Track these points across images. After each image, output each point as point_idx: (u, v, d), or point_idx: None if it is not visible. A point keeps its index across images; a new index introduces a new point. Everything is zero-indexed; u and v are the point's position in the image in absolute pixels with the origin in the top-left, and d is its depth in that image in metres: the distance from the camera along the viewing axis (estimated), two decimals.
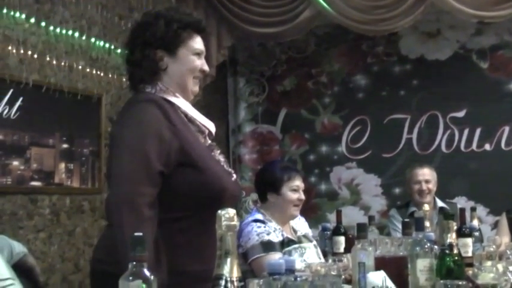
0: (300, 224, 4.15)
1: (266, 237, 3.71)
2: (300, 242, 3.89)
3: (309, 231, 4.21)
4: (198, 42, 2.75)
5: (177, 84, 2.71)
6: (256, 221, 3.83)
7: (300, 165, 7.28)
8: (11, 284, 2.35)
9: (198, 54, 2.74)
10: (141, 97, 2.67)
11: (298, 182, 3.97)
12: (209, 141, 2.76)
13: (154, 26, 2.71)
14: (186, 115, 2.69)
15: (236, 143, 7.53)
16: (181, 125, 2.61)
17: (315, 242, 4.02)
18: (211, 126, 2.79)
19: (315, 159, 7.35)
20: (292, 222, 4.07)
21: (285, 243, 3.77)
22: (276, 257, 3.53)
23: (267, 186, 3.97)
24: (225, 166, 2.73)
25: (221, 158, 2.74)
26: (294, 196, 3.93)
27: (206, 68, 2.77)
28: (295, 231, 4.02)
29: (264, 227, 3.78)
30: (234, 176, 2.77)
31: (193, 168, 2.53)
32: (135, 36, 2.77)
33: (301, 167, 7.24)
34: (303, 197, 3.98)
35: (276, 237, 3.75)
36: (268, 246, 3.67)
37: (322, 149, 7.32)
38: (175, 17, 2.74)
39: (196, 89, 2.79)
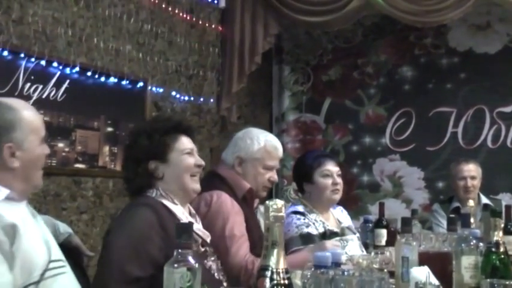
0: (343, 217, 4.10)
1: (305, 230, 3.67)
2: (343, 234, 3.85)
3: (351, 224, 4.16)
4: (184, 143, 2.86)
5: (177, 187, 2.80)
6: (296, 212, 3.79)
7: (343, 155, 7.26)
8: (62, 266, 2.37)
9: (188, 153, 2.84)
10: (140, 200, 2.76)
11: (329, 167, 3.87)
12: (202, 249, 2.79)
13: (138, 142, 2.83)
14: None
15: (279, 131, 7.50)
16: (173, 232, 2.60)
17: (358, 235, 3.98)
18: (205, 236, 2.85)
19: (358, 150, 7.30)
20: (336, 214, 4.04)
21: (327, 236, 3.72)
22: None
23: (301, 177, 3.92)
24: (215, 274, 2.76)
25: (213, 266, 2.78)
26: (327, 181, 3.84)
27: (200, 162, 2.87)
28: (340, 223, 3.98)
29: (304, 219, 3.74)
30: (225, 284, 2.79)
31: None
32: (127, 157, 2.92)
33: (343, 158, 7.22)
34: (338, 180, 3.87)
35: (315, 230, 3.71)
36: (307, 239, 3.63)
37: (365, 140, 7.27)
38: (154, 127, 2.86)
39: (197, 186, 2.88)
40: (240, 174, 3.52)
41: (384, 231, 3.85)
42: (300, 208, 3.82)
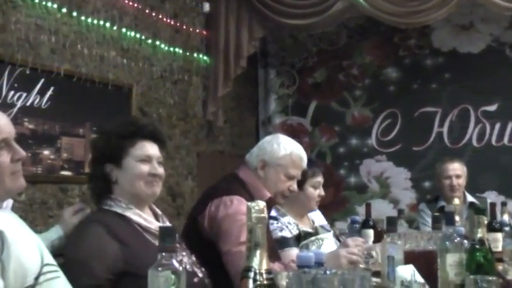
0: (317, 216, 4.12)
1: (279, 234, 3.68)
2: (317, 233, 3.87)
3: (325, 223, 4.19)
4: (142, 149, 2.77)
5: (130, 193, 2.74)
6: (269, 217, 3.78)
7: (330, 157, 7.29)
8: (56, 271, 2.35)
9: (144, 160, 2.76)
10: (89, 217, 2.76)
11: (320, 179, 3.93)
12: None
13: (98, 143, 2.83)
14: (139, 225, 2.70)
15: (266, 134, 7.49)
16: (130, 237, 2.62)
17: (332, 232, 3.99)
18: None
19: (344, 152, 7.33)
20: (310, 214, 4.06)
21: (302, 237, 3.75)
22: (291, 252, 3.52)
23: None
24: (187, 267, 2.70)
25: (185, 259, 2.73)
26: (316, 193, 3.90)
27: (155, 171, 2.77)
28: (313, 222, 4.01)
29: (277, 223, 3.73)
30: (200, 275, 2.76)
31: (139, 277, 2.27)
32: (90, 158, 2.89)
33: (330, 160, 7.26)
34: (322, 193, 3.96)
35: (289, 233, 3.72)
36: (282, 243, 3.63)
37: (352, 141, 7.30)
38: (115, 130, 2.80)
39: (153, 190, 2.79)
40: (261, 178, 3.43)
41: (371, 232, 3.87)
42: (273, 212, 3.80)
